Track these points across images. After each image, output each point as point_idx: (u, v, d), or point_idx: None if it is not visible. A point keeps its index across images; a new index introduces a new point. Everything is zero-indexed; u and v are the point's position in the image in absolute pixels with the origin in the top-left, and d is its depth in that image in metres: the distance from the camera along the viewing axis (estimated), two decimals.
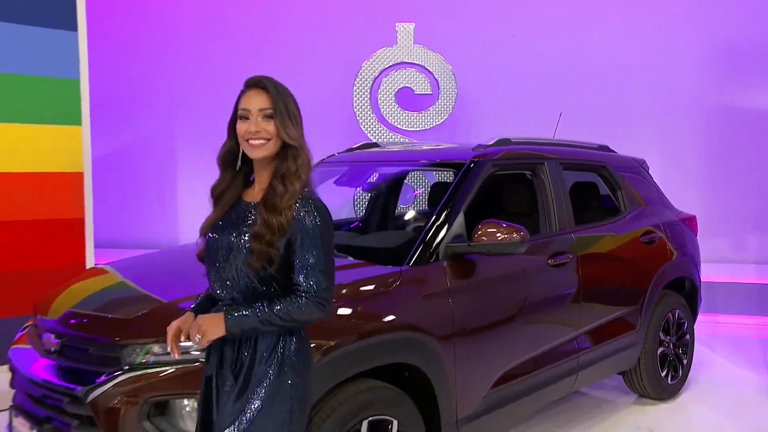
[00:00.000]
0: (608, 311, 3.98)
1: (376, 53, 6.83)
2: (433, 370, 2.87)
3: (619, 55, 7.63)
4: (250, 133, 1.96)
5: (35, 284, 4.84)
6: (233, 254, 1.96)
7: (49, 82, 4.98)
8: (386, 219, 4.39)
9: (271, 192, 1.94)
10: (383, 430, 2.70)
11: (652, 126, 7.59)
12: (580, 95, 7.51)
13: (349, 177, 4.11)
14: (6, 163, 4.77)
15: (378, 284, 2.81)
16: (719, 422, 4.26)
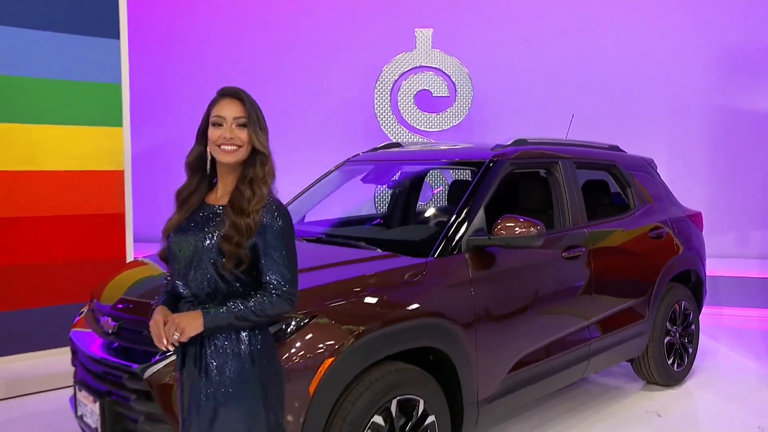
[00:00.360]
0: (618, 302, 4.07)
1: (396, 57, 6.93)
2: (456, 354, 2.98)
3: (628, 59, 7.67)
4: (224, 138, 2.03)
5: (82, 274, 5.01)
6: (201, 255, 2.01)
7: (94, 87, 5.15)
8: (409, 214, 4.51)
9: (239, 195, 2.02)
10: (410, 409, 2.82)
11: (660, 127, 7.64)
12: (591, 98, 7.57)
13: (374, 175, 4.23)
14: (54, 162, 4.94)
15: (406, 274, 2.93)
16: (722, 407, 4.35)
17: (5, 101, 4.72)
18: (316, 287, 2.72)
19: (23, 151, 4.81)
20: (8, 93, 4.72)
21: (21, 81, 4.78)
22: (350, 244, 3.37)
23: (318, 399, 2.49)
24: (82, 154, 5.08)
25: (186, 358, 2.06)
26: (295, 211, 4.22)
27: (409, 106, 6.92)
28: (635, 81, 7.66)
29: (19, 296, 4.77)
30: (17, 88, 4.76)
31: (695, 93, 7.56)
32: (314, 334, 2.53)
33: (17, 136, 4.76)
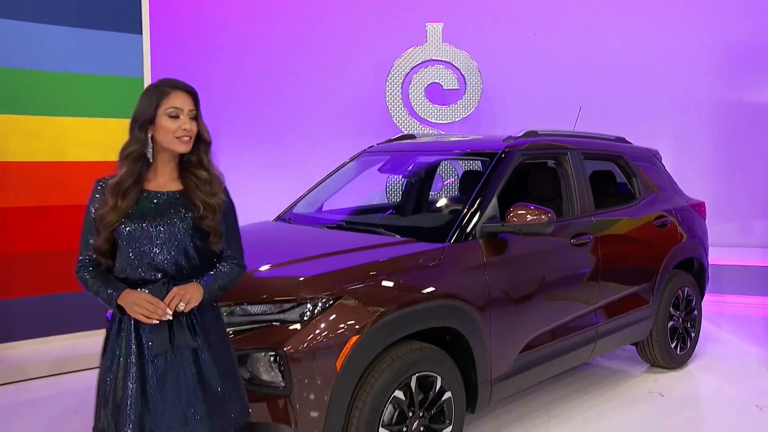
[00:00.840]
0: (624, 287, 4.21)
1: (407, 51, 7.05)
2: (471, 334, 3.14)
3: (634, 54, 7.75)
4: (183, 130, 2.12)
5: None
6: (177, 236, 2.11)
7: (117, 81, 5.30)
8: (424, 203, 4.66)
9: (198, 180, 2.17)
10: (429, 385, 2.99)
11: (666, 120, 7.72)
12: (598, 91, 7.67)
13: (391, 165, 4.38)
14: (80, 153, 5.11)
15: (425, 258, 3.09)
16: (722, 387, 4.50)
17: (34, 95, 4.89)
18: (341, 270, 2.88)
19: (50, 142, 4.97)
20: (36, 87, 4.89)
21: (49, 75, 4.95)
22: (370, 231, 3.52)
23: (344, 374, 2.66)
24: (107, 145, 5.23)
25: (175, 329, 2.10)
26: (314, 201, 4.38)
27: (420, 98, 7.04)
28: (641, 75, 7.75)
29: (52, 281, 4.95)
30: (45, 82, 4.92)
31: (700, 87, 7.65)
32: (340, 314, 2.70)
33: (44, 128, 4.93)
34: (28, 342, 4.90)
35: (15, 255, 4.84)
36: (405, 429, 2.89)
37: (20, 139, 4.84)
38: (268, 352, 2.61)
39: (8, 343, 4.81)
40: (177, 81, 2.18)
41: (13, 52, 4.79)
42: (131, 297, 2.07)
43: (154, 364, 2.09)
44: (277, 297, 2.72)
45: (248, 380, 2.63)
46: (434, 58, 7.02)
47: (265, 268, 2.98)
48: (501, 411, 4.00)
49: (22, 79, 4.83)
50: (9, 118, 4.78)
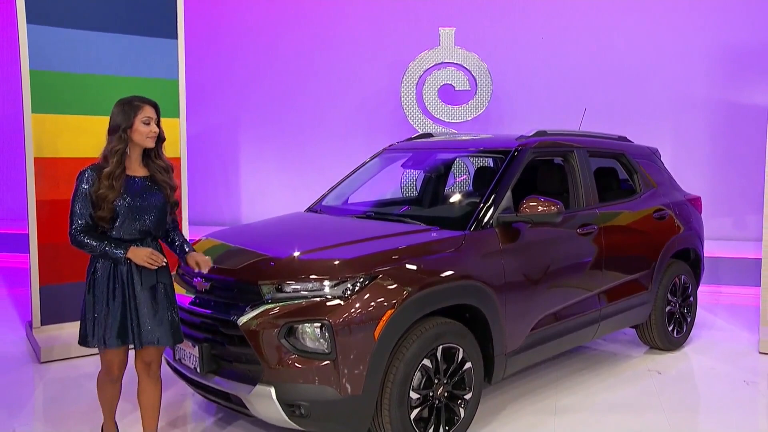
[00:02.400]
0: (625, 274, 4.57)
1: (421, 54, 7.39)
2: (489, 311, 3.51)
3: (636, 56, 8.09)
4: (153, 132, 2.96)
5: None
6: (161, 208, 3.00)
7: (155, 83, 5.67)
8: (443, 195, 5.03)
9: (159, 168, 3.03)
10: (452, 356, 3.36)
11: (666, 119, 8.05)
12: (601, 92, 8.01)
13: (413, 161, 4.75)
14: None
15: (449, 244, 3.46)
16: (715, 366, 4.86)
17: (82, 96, 5.27)
18: (376, 253, 3.26)
19: (97, 139, 5.26)
20: (84, 89, 5.26)
21: (95, 78, 5.32)
22: (397, 220, 3.89)
23: (381, 343, 3.03)
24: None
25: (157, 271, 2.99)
26: (341, 194, 4.75)
27: (433, 99, 7.38)
28: (643, 76, 8.07)
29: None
30: (92, 84, 5.29)
31: (699, 88, 7.98)
32: (377, 292, 3.07)
33: (92, 127, 5.29)
34: (77, 324, 5.27)
35: (66, 243, 5.19)
36: (431, 393, 3.26)
37: (70, 136, 5.22)
38: (315, 323, 2.98)
39: (59, 324, 5.19)
40: (145, 98, 3.04)
41: (63, 58, 5.17)
42: (140, 252, 2.91)
43: (142, 294, 2.94)
44: (322, 276, 3.09)
45: (296, 348, 2.99)
46: (447, 61, 7.36)
47: (308, 252, 3.36)
48: (512, 385, 4.37)
49: (71, 81, 5.21)
50: (60, 118, 5.16)
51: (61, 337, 5.06)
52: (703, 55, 7.93)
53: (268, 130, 9.19)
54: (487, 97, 7.34)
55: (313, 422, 3.05)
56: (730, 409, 4.10)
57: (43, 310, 5.16)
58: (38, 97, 5.06)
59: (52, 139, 5.14)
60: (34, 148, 5.07)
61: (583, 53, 8.17)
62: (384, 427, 3.15)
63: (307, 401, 2.99)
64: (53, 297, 5.19)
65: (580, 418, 3.91)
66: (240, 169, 9.49)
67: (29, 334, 5.26)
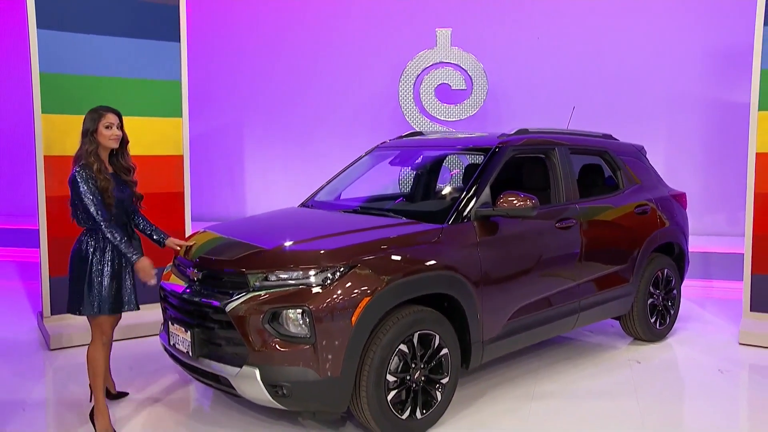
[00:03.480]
0: (604, 266, 4.72)
1: (418, 54, 7.58)
2: (465, 300, 3.68)
3: (631, 56, 8.20)
4: (116, 135, 3.58)
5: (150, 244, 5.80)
6: (129, 200, 3.65)
7: (158, 84, 5.90)
8: (429, 192, 5.20)
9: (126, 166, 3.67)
10: (428, 342, 3.55)
11: (660, 118, 8.16)
12: (596, 91, 8.14)
13: (400, 159, 4.94)
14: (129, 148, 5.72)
15: (427, 236, 3.65)
16: (694, 356, 5.01)
17: (89, 97, 5.49)
18: (356, 244, 3.46)
19: None
20: (91, 90, 5.51)
21: (101, 80, 5.57)
22: (381, 215, 4.09)
23: (358, 328, 3.22)
24: (149, 141, 5.84)
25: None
26: (332, 190, 4.95)
27: (430, 98, 7.57)
28: (637, 76, 8.19)
29: None
30: (98, 86, 5.54)
31: (692, 87, 8.08)
32: (355, 280, 3.26)
33: None
34: None
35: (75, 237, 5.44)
36: (408, 377, 3.46)
37: (78, 135, 5.42)
38: (296, 309, 3.18)
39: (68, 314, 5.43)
40: (108, 107, 3.67)
41: (72, 61, 5.42)
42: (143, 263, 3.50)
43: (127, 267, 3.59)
44: (304, 265, 3.29)
45: (279, 333, 3.20)
46: (443, 61, 7.54)
47: (293, 243, 3.56)
48: (494, 373, 4.55)
49: (79, 83, 5.46)
50: (69, 118, 5.40)
51: (70, 326, 5.30)
52: (698, 54, 8.04)
53: (271, 129, 9.42)
54: (482, 96, 7.50)
55: (295, 402, 3.25)
56: (700, 396, 4.25)
57: (52, 301, 5.42)
58: (48, 98, 5.31)
59: (61, 138, 5.38)
60: (44, 147, 5.32)
61: (579, 53, 8.31)
62: (362, 408, 3.34)
63: (288, 382, 3.19)
64: (63, 288, 5.43)
65: (557, 403, 4.08)
66: (245, 167, 9.73)
67: (40, 324, 5.52)
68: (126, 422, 3.78)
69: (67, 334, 5.16)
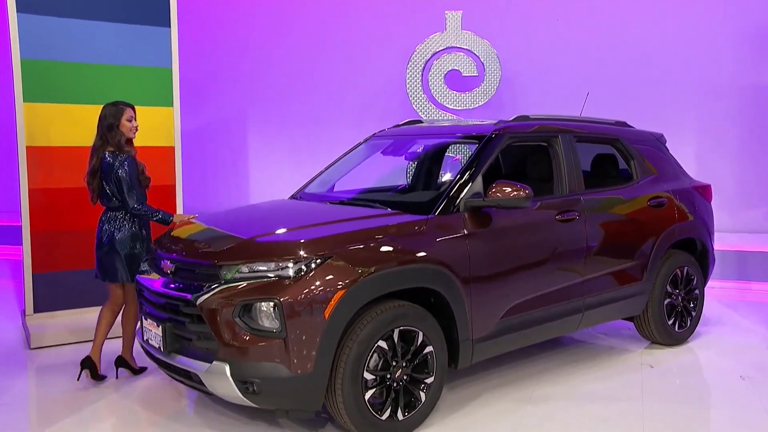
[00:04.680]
0: (612, 262, 4.72)
1: (427, 39, 7.64)
2: (451, 295, 3.74)
3: (655, 39, 8.12)
4: (136, 126, 4.45)
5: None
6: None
7: (148, 71, 6.08)
8: (424, 181, 5.27)
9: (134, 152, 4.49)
10: (411, 339, 3.62)
11: (690, 104, 8.07)
12: (620, 77, 8.10)
13: (394, 148, 5.02)
14: None
15: (409, 227, 3.72)
16: (714, 361, 4.99)
17: (75, 85, 5.70)
18: (332, 235, 3.55)
19: (90, 128, 5.73)
20: (78, 78, 5.70)
21: (88, 67, 5.76)
22: (366, 205, 4.17)
23: (332, 322, 3.31)
24: (138, 131, 6.01)
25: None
26: (325, 181, 5.05)
27: (440, 85, 7.62)
28: (664, 60, 8.11)
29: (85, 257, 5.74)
30: (85, 73, 5.73)
31: (723, 71, 7.97)
32: (329, 272, 3.35)
33: (82, 115, 5.72)
34: (70, 312, 5.72)
35: (60, 232, 5.66)
36: (389, 375, 3.53)
37: (64, 125, 5.66)
38: (266, 302, 3.28)
39: (52, 312, 5.64)
40: (125, 102, 4.47)
41: (55, 47, 5.61)
42: (179, 217, 4.47)
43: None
44: (276, 257, 3.39)
45: (249, 326, 3.30)
46: (453, 46, 7.58)
47: (267, 234, 3.67)
48: (492, 375, 4.61)
49: (65, 70, 5.65)
50: (54, 107, 5.61)
51: (53, 325, 5.49)
52: (730, 35, 7.93)
53: (275, 119, 9.57)
54: (495, 83, 7.53)
55: (266, 399, 3.35)
56: (713, 403, 4.25)
57: (36, 298, 5.62)
58: (30, 86, 5.51)
59: (45, 128, 5.58)
60: (26, 137, 5.52)
61: (599, 36, 8.27)
62: (338, 407, 3.43)
63: (259, 378, 3.29)
64: (47, 285, 5.65)
65: (554, 407, 4.11)
66: (248, 159, 9.89)
67: (24, 322, 5.73)
68: (99, 419, 3.93)
69: (50, 333, 5.34)
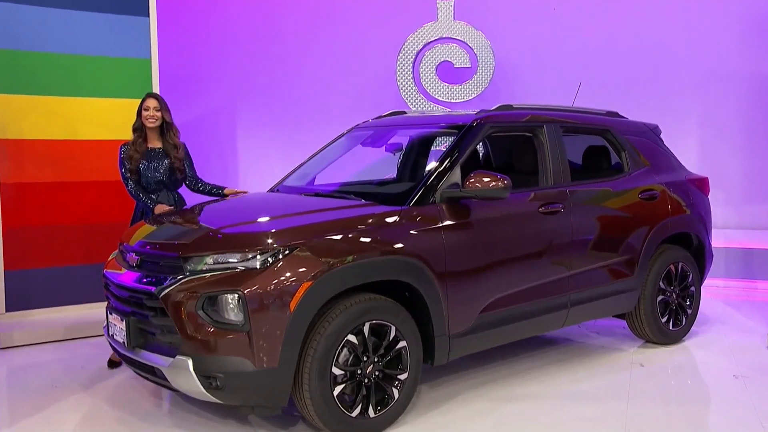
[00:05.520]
0: (601, 257, 4.74)
1: (418, 29, 7.68)
2: (426, 289, 3.76)
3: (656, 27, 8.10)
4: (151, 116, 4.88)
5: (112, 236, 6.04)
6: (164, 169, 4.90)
7: (126, 62, 6.15)
8: (408, 173, 5.29)
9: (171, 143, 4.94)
10: (383, 334, 3.65)
11: (693, 95, 8.03)
12: (618, 68, 8.09)
13: (373, 139, 5.06)
14: (90, 132, 5.98)
15: (380, 218, 3.75)
16: (710, 360, 4.99)
17: (49, 76, 5.77)
18: (299, 226, 3.59)
19: (65, 121, 5.86)
20: (52, 69, 5.77)
21: (63, 58, 5.83)
22: (340, 197, 4.21)
23: (297, 315, 3.34)
24: (117, 125, 6.08)
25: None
26: (304, 174, 5.10)
27: (431, 77, 7.66)
28: (666, 49, 8.08)
29: (66, 254, 5.82)
30: (59, 64, 5.80)
31: (728, 60, 7.95)
32: (295, 263, 3.39)
33: (59, 108, 5.81)
34: (43, 311, 5.78)
35: (32, 228, 5.73)
36: (359, 371, 3.56)
37: (36, 118, 5.73)
38: (229, 294, 3.32)
39: (25, 311, 5.70)
40: (151, 92, 5.11)
41: (30, 36, 5.68)
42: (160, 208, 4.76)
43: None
44: (241, 248, 3.43)
45: (212, 319, 3.34)
46: (446, 36, 7.62)
47: (233, 226, 3.72)
48: (476, 373, 4.64)
49: (38, 61, 5.73)
50: (26, 99, 5.68)
51: (25, 324, 5.56)
52: (736, 21, 7.91)
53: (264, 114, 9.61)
54: (489, 74, 7.56)
55: (230, 394, 3.39)
56: (701, 402, 4.25)
57: (7, 297, 5.68)
58: (1, 76, 5.58)
59: (17, 120, 5.65)
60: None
61: (599, 25, 8.26)
62: (305, 403, 3.46)
63: (222, 373, 3.33)
64: (19, 282, 5.71)
65: (535, 406, 4.13)
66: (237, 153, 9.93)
67: None
68: (63, 419, 3.98)
69: (21, 332, 5.40)
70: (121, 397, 4.32)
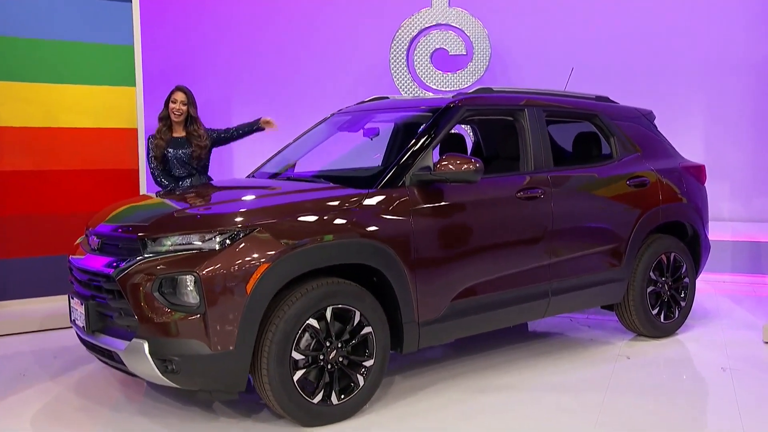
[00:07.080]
0: (584, 245, 4.74)
1: (412, 16, 7.70)
2: (393, 274, 3.79)
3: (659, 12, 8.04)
4: (177, 109, 5.58)
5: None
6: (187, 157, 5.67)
7: (107, 49, 6.23)
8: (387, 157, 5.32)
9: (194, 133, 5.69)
10: (347, 319, 3.69)
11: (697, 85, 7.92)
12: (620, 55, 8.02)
13: (350, 124, 5.10)
14: (70, 119, 6.07)
15: (344, 201, 3.78)
16: (700, 353, 4.97)
17: (28, 62, 5.87)
18: (258, 207, 3.65)
19: (44, 108, 5.94)
20: (30, 55, 5.86)
21: (42, 43, 5.92)
22: (309, 180, 4.26)
23: (254, 297, 3.39)
24: (98, 112, 6.19)
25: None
26: (285, 159, 5.14)
27: (426, 65, 7.68)
28: (668, 36, 7.99)
29: (45, 243, 5.91)
30: (38, 49, 5.89)
31: (735, 47, 7.87)
32: (252, 245, 3.43)
33: (38, 95, 5.90)
34: (20, 301, 5.88)
35: (10, 217, 5.83)
36: (322, 356, 3.60)
37: (14, 105, 5.82)
38: (184, 276, 3.37)
39: (1, 302, 5.80)
40: (179, 86, 5.72)
41: (8, 21, 5.77)
42: None
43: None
44: (198, 229, 3.49)
45: (168, 301, 3.39)
46: (440, 23, 7.64)
47: (197, 207, 3.78)
48: (454, 364, 4.66)
49: (16, 46, 5.82)
50: (3, 85, 5.77)
51: (1, 314, 5.65)
52: (742, 8, 7.84)
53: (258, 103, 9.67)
54: (485, 62, 7.57)
55: (185, 378, 3.44)
56: (683, 394, 4.22)
57: None
58: None
59: None
60: None
61: (600, 11, 8.21)
62: (264, 387, 3.51)
63: (177, 356, 3.38)
64: (6, 272, 5.81)
65: (509, 397, 4.13)
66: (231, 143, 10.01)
67: None
68: (25, 406, 4.05)
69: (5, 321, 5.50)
70: (89, 386, 4.38)
